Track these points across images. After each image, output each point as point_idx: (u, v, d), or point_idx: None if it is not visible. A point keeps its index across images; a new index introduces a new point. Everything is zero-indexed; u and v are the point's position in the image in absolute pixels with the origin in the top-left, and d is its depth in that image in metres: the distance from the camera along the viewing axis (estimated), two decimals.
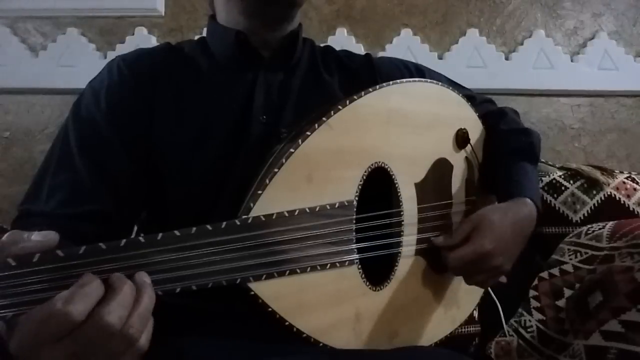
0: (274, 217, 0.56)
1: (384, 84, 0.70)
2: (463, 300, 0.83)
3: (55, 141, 0.72)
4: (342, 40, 1.40)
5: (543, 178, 1.16)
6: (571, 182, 1.14)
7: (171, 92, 0.74)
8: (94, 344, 0.41)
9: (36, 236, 0.43)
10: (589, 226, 1.05)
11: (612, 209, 1.10)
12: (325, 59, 0.87)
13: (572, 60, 1.41)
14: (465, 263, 0.68)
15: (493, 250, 0.67)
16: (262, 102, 0.75)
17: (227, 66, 0.78)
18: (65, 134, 0.71)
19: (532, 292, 1.02)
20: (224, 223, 0.52)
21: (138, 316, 0.43)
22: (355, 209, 0.64)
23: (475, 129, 0.84)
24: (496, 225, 0.69)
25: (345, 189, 0.64)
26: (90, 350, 0.41)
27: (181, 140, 0.72)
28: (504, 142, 0.83)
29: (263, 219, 0.55)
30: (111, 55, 1.39)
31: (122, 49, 1.38)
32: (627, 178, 1.15)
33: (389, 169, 0.69)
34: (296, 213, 0.58)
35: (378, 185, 0.69)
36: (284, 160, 0.58)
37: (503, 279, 0.78)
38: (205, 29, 0.85)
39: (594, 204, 1.11)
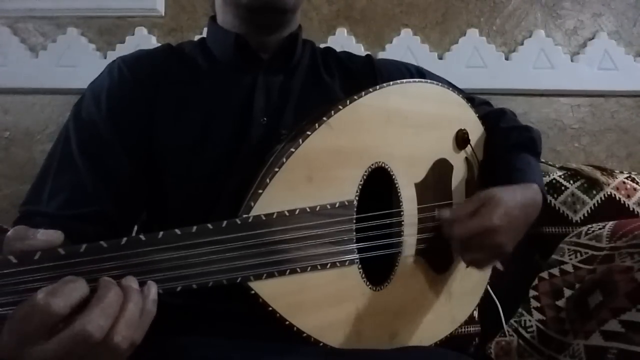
0: (274, 216, 0.56)
1: (384, 84, 0.70)
2: (463, 300, 0.83)
3: (56, 142, 0.72)
4: (342, 40, 1.40)
5: (543, 178, 1.16)
6: (571, 182, 1.14)
7: (172, 93, 0.75)
8: (75, 353, 0.40)
9: (42, 235, 0.43)
10: (589, 226, 1.05)
11: (612, 209, 1.10)
12: (326, 60, 0.87)
13: (572, 60, 1.41)
14: (469, 236, 0.66)
15: (499, 227, 0.65)
16: (263, 104, 0.75)
17: (227, 68, 0.78)
18: (66, 136, 0.71)
19: (532, 292, 1.02)
20: (225, 222, 0.52)
21: (125, 324, 0.42)
22: (355, 209, 0.64)
23: (475, 129, 0.84)
24: (504, 203, 0.67)
25: (345, 188, 0.64)
26: (73, 358, 0.40)
27: (182, 141, 0.72)
28: (505, 138, 0.83)
29: (264, 218, 0.55)
30: (111, 55, 1.39)
31: (122, 49, 1.39)
32: (627, 178, 1.15)
33: (389, 169, 0.70)
34: (297, 212, 0.58)
35: (378, 185, 0.69)
36: (284, 160, 0.58)
37: (499, 265, 0.77)
38: (205, 29, 0.85)
39: (594, 204, 1.11)
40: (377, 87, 0.69)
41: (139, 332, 0.44)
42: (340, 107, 0.64)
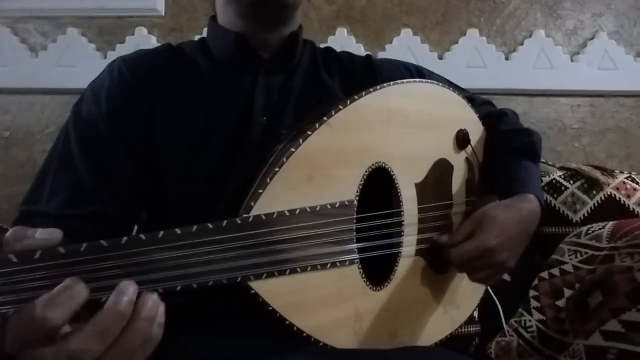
0: (274, 216, 0.56)
1: (385, 84, 0.70)
2: (463, 300, 0.83)
3: (56, 142, 0.72)
4: (342, 40, 1.40)
5: (543, 178, 1.16)
6: (571, 182, 1.14)
7: (172, 93, 0.75)
8: None
9: (40, 233, 0.43)
10: (589, 226, 1.05)
11: (612, 209, 1.10)
12: (326, 60, 0.87)
13: (572, 60, 1.41)
14: (468, 259, 0.68)
15: (497, 245, 0.67)
16: (263, 103, 0.75)
17: (228, 67, 0.78)
18: (66, 135, 0.71)
19: (532, 292, 1.02)
20: (225, 221, 0.52)
21: (118, 353, 0.40)
22: (355, 209, 0.64)
23: (475, 129, 0.84)
24: (500, 221, 0.68)
25: (345, 188, 0.64)
26: None
27: (182, 141, 0.72)
28: (505, 141, 0.83)
29: (264, 217, 0.55)
30: (111, 55, 1.39)
31: (122, 49, 1.39)
32: (627, 178, 1.15)
33: (389, 169, 0.70)
34: (297, 212, 0.58)
35: (378, 185, 0.69)
36: (284, 160, 0.58)
37: (506, 276, 0.77)
38: (205, 29, 0.85)
39: (594, 204, 1.11)
40: (378, 87, 0.69)
41: (139, 357, 0.43)
42: (341, 106, 0.64)
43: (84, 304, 0.41)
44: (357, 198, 0.64)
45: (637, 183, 1.14)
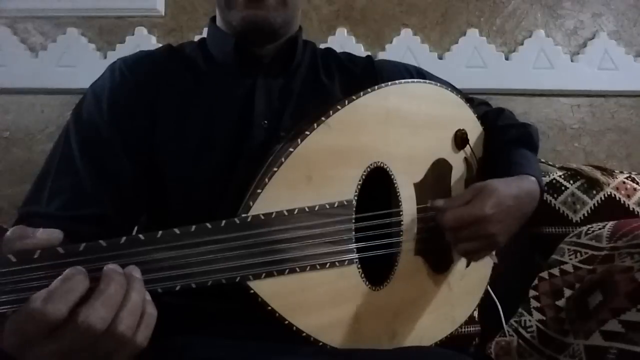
0: (273, 216, 0.56)
1: (383, 84, 0.70)
2: (463, 300, 0.83)
3: (56, 143, 0.72)
4: (342, 40, 1.40)
5: (543, 178, 1.15)
6: (571, 182, 1.14)
7: (173, 95, 0.75)
8: (79, 345, 0.40)
9: (41, 233, 0.43)
10: (589, 226, 1.05)
11: (612, 209, 1.10)
12: (326, 61, 0.87)
13: (572, 60, 1.41)
14: (459, 224, 0.66)
15: (491, 215, 0.65)
16: (263, 107, 0.75)
17: (228, 71, 0.78)
18: (67, 137, 0.71)
19: (532, 292, 1.02)
20: (224, 221, 0.52)
21: (128, 312, 0.42)
22: (354, 209, 0.64)
23: (474, 129, 0.84)
24: (498, 193, 0.67)
25: (344, 188, 0.64)
26: (77, 350, 0.40)
27: (183, 144, 0.72)
28: (503, 134, 0.83)
29: (262, 217, 0.55)
30: (111, 55, 1.39)
31: (122, 49, 1.39)
32: (627, 178, 1.15)
33: (388, 169, 0.70)
34: (295, 212, 0.58)
35: (377, 185, 0.69)
36: (283, 160, 0.58)
37: (494, 258, 0.77)
38: (205, 29, 0.85)
39: (594, 204, 1.11)
40: (376, 87, 0.69)
41: (143, 333, 0.44)
42: (339, 107, 0.64)
43: (83, 294, 0.41)
44: (355, 198, 0.64)
45: (637, 183, 1.14)
